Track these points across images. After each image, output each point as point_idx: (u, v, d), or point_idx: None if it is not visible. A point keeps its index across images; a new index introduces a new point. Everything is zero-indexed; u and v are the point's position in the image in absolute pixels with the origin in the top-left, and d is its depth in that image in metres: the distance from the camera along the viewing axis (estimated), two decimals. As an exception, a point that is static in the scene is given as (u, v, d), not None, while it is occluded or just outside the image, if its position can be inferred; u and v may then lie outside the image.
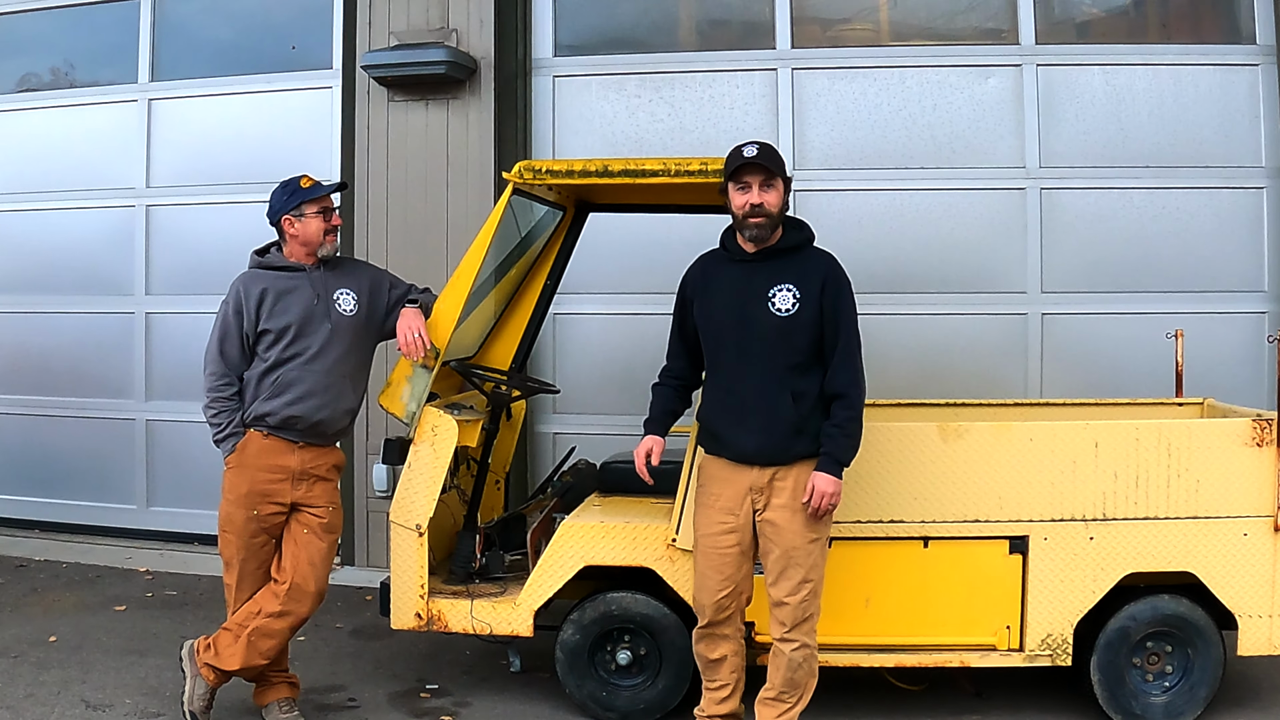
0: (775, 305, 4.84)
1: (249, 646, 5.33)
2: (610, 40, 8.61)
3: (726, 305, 4.95)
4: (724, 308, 4.95)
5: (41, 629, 7.02)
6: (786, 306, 4.83)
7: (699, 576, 5.08)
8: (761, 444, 4.86)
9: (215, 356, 5.39)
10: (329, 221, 5.45)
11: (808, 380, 4.86)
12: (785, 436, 4.84)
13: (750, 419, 4.88)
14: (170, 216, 9.28)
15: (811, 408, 4.85)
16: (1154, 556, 5.40)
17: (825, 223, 7.94)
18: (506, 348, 6.71)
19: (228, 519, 5.39)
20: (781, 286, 4.85)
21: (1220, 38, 8.04)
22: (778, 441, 4.84)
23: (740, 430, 4.90)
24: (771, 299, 4.84)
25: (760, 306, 4.85)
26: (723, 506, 4.96)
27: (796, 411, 4.82)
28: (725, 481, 4.97)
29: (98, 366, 9.50)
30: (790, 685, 4.94)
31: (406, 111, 8.31)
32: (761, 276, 4.89)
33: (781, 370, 4.84)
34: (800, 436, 4.84)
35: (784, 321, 4.83)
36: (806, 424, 4.84)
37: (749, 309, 4.88)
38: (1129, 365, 7.78)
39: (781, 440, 4.84)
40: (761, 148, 4.86)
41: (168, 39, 9.33)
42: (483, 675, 6.33)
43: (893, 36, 8.35)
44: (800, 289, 4.84)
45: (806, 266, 4.89)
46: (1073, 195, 7.98)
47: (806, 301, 4.83)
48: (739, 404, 4.91)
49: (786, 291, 4.84)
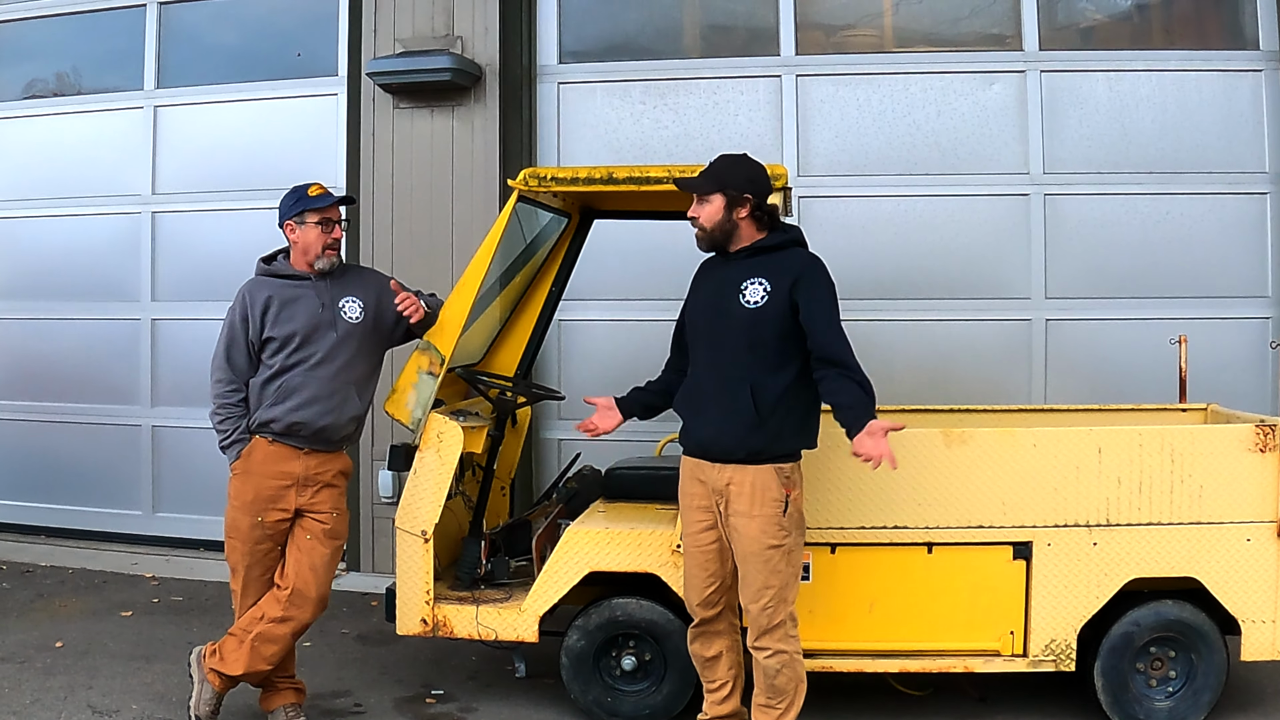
0: (745, 297, 4.87)
1: (253, 652, 5.34)
2: (615, 47, 8.63)
3: (705, 299, 5.05)
4: (703, 301, 5.05)
5: (48, 634, 7.03)
6: (756, 299, 4.85)
7: (687, 575, 5.15)
8: (716, 435, 4.90)
9: (222, 363, 5.41)
10: (329, 234, 5.44)
11: (772, 377, 4.84)
12: (741, 429, 4.83)
13: (708, 409, 4.93)
14: (176, 223, 9.30)
15: (772, 406, 4.82)
16: (1157, 562, 5.40)
17: (829, 229, 8.02)
18: (512, 354, 6.74)
19: (233, 525, 5.41)
20: (753, 280, 4.88)
21: (1224, 43, 8.05)
22: (732, 433, 4.85)
23: (699, 419, 4.97)
24: (743, 291, 4.88)
25: (732, 299, 4.90)
26: (699, 505, 5.03)
27: (755, 405, 4.81)
28: (697, 481, 5.03)
29: (104, 373, 9.51)
30: (773, 691, 4.95)
31: (412, 118, 8.33)
32: (737, 271, 4.94)
33: (745, 363, 4.86)
34: (756, 432, 4.82)
35: (751, 313, 4.85)
36: (765, 422, 4.82)
37: (723, 302, 4.93)
38: (1133, 371, 7.79)
39: (736, 432, 4.84)
40: (705, 170, 4.99)
41: (173, 46, 9.35)
42: (488, 681, 6.34)
43: (897, 43, 8.36)
44: (771, 283, 4.86)
45: (783, 264, 4.91)
46: (1076, 201, 7.99)
47: (776, 295, 4.84)
48: (701, 394, 4.98)
49: (757, 285, 4.87)
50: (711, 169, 4.98)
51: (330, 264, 5.47)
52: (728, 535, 4.97)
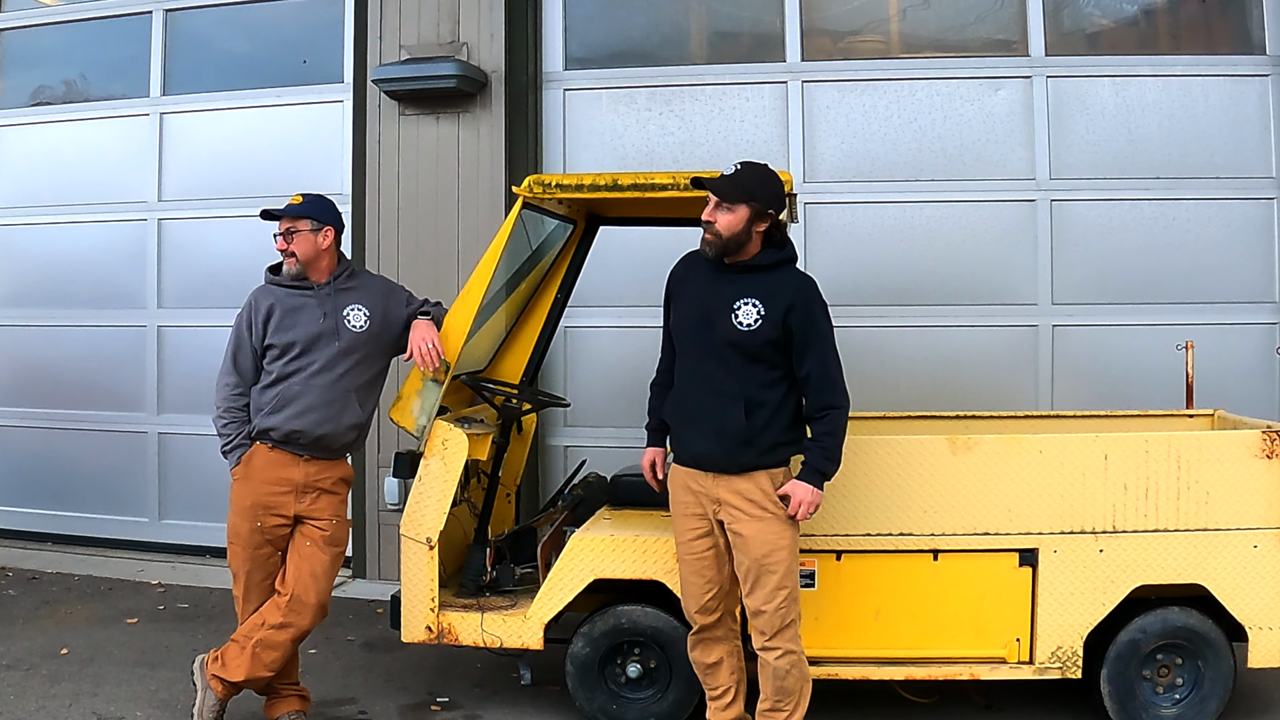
0: (738, 319, 4.84)
1: (253, 658, 5.35)
2: (620, 53, 8.63)
3: (692, 310, 5.00)
4: (690, 313, 5.00)
5: (53, 641, 7.03)
6: (749, 322, 4.84)
7: (684, 584, 5.15)
8: (710, 448, 4.90)
9: (230, 367, 5.46)
10: (287, 244, 5.48)
11: (765, 393, 4.86)
12: (734, 445, 4.85)
13: (702, 423, 4.93)
14: (182, 230, 9.32)
15: (767, 421, 4.85)
16: (1164, 569, 5.39)
17: (835, 236, 8.02)
18: (517, 361, 6.73)
19: (234, 531, 5.43)
20: (746, 301, 4.85)
21: (1230, 48, 8.03)
22: (726, 449, 4.87)
23: (693, 432, 4.97)
24: (735, 312, 4.85)
25: (724, 317, 4.87)
26: (692, 513, 5.02)
27: (749, 423, 4.83)
28: (688, 489, 5.03)
29: (110, 380, 9.53)
30: (782, 693, 4.95)
31: (417, 125, 8.34)
32: (730, 288, 4.90)
33: (737, 381, 4.86)
34: (748, 447, 4.85)
35: (744, 336, 4.84)
36: (759, 436, 4.85)
37: (713, 317, 4.90)
38: (1140, 377, 7.77)
39: (730, 448, 4.86)
40: (737, 171, 4.90)
41: (179, 53, 9.38)
42: (493, 688, 6.33)
43: (903, 49, 8.36)
44: (765, 306, 4.83)
45: (777, 285, 4.88)
46: (1083, 207, 7.97)
47: (769, 319, 4.82)
48: (693, 408, 4.97)
49: (751, 306, 4.84)
50: (740, 179, 4.87)
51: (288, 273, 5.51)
52: (727, 543, 4.97)
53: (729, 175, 4.87)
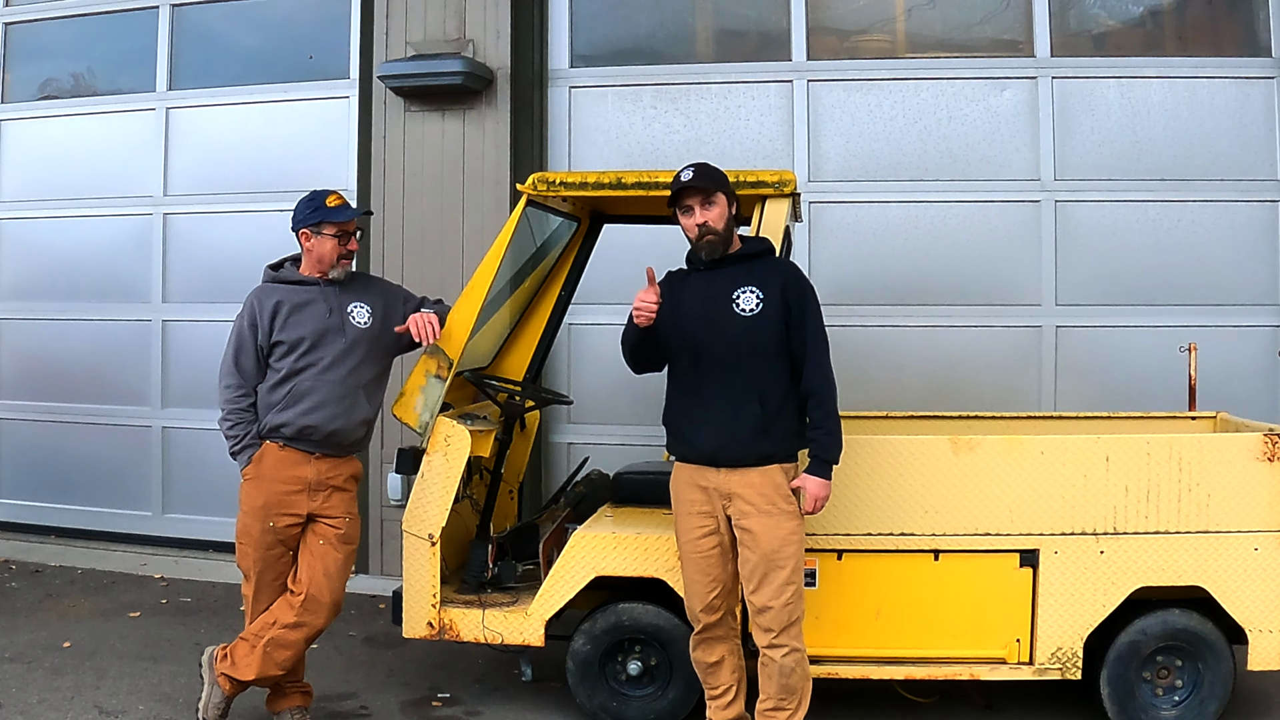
0: (740, 306, 4.92)
1: (265, 657, 5.35)
2: (626, 51, 8.63)
3: (692, 311, 5.02)
4: (690, 314, 5.02)
5: (56, 634, 7.05)
6: (751, 306, 4.91)
7: (688, 583, 5.15)
8: (724, 442, 4.92)
9: (231, 369, 5.42)
10: (344, 246, 5.47)
11: (775, 381, 4.92)
12: (750, 436, 4.90)
13: (713, 417, 4.94)
14: (187, 224, 9.33)
15: (778, 409, 4.92)
16: (1164, 571, 5.39)
17: (840, 235, 8.02)
18: (521, 358, 6.74)
19: (245, 531, 5.41)
20: (745, 289, 4.94)
21: (1236, 50, 8.02)
22: (742, 441, 4.90)
23: (703, 428, 4.98)
24: (735, 300, 4.93)
25: (725, 309, 4.94)
26: (698, 511, 5.04)
27: (764, 412, 4.88)
28: (694, 486, 5.04)
29: (114, 373, 9.55)
30: (786, 691, 4.95)
31: (423, 122, 8.34)
32: (724, 281, 4.99)
33: (747, 371, 4.91)
34: (765, 437, 4.90)
35: (749, 321, 4.90)
36: (773, 425, 4.90)
37: (714, 312, 4.96)
38: (1143, 378, 7.77)
39: (746, 440, 4.90)
40: (697, 169, 4.98)
41: (186, 48, 9.40)
42: (494, 684, 6.35)
43: (909, 48, 8.35)
44: (763, 290, 4.93)
45: (767, 271, 5.01)
46: (1087, 208, 7.97)
47: (770, 301, 4.91)
48: (703, 404, 4.98)
49: (750, 293, 4.93)
50: (705, 172, 4.98)
51: (343, 273, 5.51)
52: (732, 540, 4.99)
53: (696, 174, 4.97)
